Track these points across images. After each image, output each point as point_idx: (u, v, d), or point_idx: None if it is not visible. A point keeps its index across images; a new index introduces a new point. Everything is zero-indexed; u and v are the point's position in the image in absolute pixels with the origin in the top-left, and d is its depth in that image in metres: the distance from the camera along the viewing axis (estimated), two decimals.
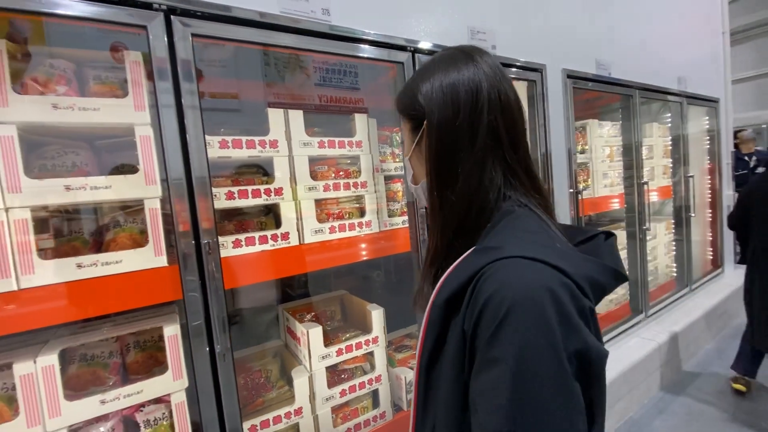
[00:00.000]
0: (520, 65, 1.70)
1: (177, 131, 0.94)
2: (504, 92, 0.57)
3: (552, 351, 0.43)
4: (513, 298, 0.44)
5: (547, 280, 0.46)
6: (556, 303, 0.44)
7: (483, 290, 0.47)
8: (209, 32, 0.96)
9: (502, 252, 0.49)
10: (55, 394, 0.92)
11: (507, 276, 0.47)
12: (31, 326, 0.90)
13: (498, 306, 0.45)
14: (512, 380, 0.43)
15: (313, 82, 1.83)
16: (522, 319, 0.44)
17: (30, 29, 1.02)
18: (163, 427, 1.07)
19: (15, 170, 0.86)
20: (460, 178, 0.57)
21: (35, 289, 0.88)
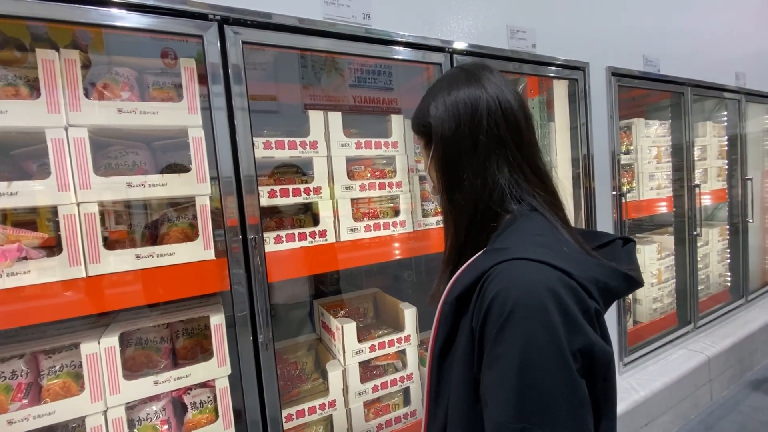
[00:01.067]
0: (559, 64, 1.66)
1: (228, 132, 1.00)
2: (506, 100, 0.62)
3: (555, 347, 0.45)
4: (516, 297, 0.47)
5: (550, 281, 0.48)
6: (558, 303, 0.47)
7: (489, 290, 0.50)
8: (258, 39, 1.02)
9: (507, 254, 0.52)
10: (115, 373, 1.01)
11: (511, 277, 0.50)
12: (96, 310, 0.99)
13: (502, 305, 0.48)
14: (517, 374, 0.46)
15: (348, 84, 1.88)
16: (525, 318, 0.46)
17: (91, 39, 1.12)
18: (208, 410, 1.15)
19: (86, 168, 0.96)
20: (465, 182, 0.61)
21: (100, 277, 0.97)
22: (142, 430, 1.07)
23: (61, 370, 1.02)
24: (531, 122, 0.64)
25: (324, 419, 1.36)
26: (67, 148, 0.94)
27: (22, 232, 0.94)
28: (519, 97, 0.64)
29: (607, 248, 0.66)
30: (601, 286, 0.52)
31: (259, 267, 1.00)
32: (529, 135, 0.63)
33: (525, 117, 0.63)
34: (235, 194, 1.02)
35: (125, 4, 0.90)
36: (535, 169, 0.63)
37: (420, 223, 1.44)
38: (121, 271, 0.99)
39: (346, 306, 1.67)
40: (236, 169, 1.01)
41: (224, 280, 1.07)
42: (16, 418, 0.93)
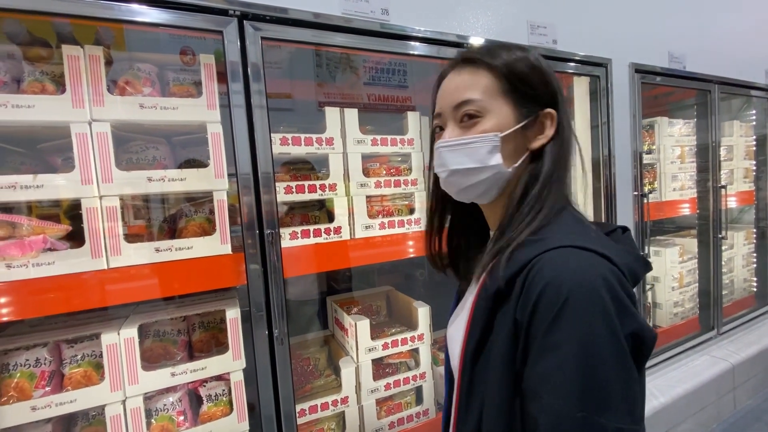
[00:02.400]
0: (579, 60, 1.62)
1: (246, 129, 1.01)
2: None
3: (612, 333, 0.46)
4: (570, 286, 0.46)
5: (599, 268, 0.48)
6: (609, 289, 0.47)
7: (537, 280, 0.48)
8: (277, 35, 1.02)
9: (550, 243, 0.51)
10: (134, 364, 1.03)
11: (562, 264, 0.49)
12: (117, 301, 1.01)
13: (555, 294, 0.47)
14: (578, 362, 0.45)
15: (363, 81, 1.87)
16: (581, 306, 0.46)
17: (113, 38, 1.14)
18: (223, 402, 1.16)
19: (108, 163, 0.98)
20: (570, 168, 0.61)
21: (121, 269, 0.99)
22: (159, 420, 1.09)
23: (82, 359, 1.05)
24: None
25: (336, 416, 1.36)
26: (91, 143, 0.96)
27: (48, 224, 0.96)
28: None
29: (613, 236, 0.64)
30: (631, 272, 0.53)
31: (276, 262, 1.01)
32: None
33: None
34: (252, 190, 1.02)
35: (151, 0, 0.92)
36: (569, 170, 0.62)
37: None
38: (140, 263, 1.01)
39: (359, 303, 1.67)
40: (254, 165, 1.02)
41: (240, 274, 1.08)
42: (39, 405, 0.96)
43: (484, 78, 0.58)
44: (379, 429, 1.39)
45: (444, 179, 0.63)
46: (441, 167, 0.62)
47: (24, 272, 0.91)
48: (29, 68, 0.99)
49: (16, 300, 0.91)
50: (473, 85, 0.58)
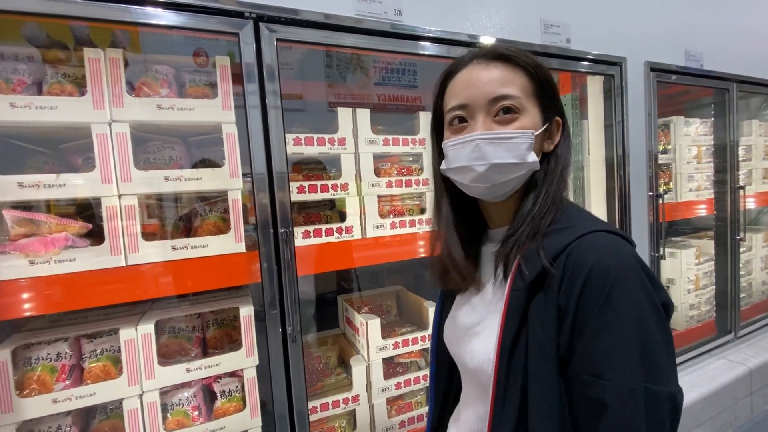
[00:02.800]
0: (594, 59, 1.60)
1: (261, 129, 1.02)
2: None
3: (654, 306, 0.50)
4: (616, 267, 0.50)
5: (629, 249, 0.53)
6: (642, 266, 0.52)
7: (581, 263, 0.51)
8: (292, 36, 1.03)
9: (580, 230, 0.54)
10: (150, 359, 1.06)
11: (602, 248, 0.52)
12: (134, 298, 1.04)
13: (604, 275, 0.50)
14: (634, 338, 0.48)
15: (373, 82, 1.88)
16: (628, 284, 0.50)
17: (129, 40, 1.17)
18: (236, 398, 1.18)
19: (127, 162, 1.00)
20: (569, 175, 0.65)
21: (138, 266, 1.01)
22: (175, 414, 1.11)
23: (101, 354, 1.07)
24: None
25: (347, 413, 1.37)
26: (111, 143, 0.98)
27: (69, 221, 0.99)
28: None
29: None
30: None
31: (289, 261, 1.02)
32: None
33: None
34: (267, 189, 1.04)
35: (165, 3, 0.94)
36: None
37: None
38: (157, 261, 1.03)
39: (369, 302, 1.68)
40: (269, 165, 1.03)
41: (254, 272, 1.09)
42: (60, 398, 0.99)
43: (520, 76, 0.58)
44: (389, 428, 1.39)
45: (481, 173, 0.59)
46: (480, 160, 0.58)
47: (47, 268, 0.94)
48: (51, 70, 1.02)
49: (38, 295, 0.94)
50: (511, 82, 0.57)
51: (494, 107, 0.57)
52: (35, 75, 1.01)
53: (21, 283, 0.92)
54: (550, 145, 0.63)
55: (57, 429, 1.04)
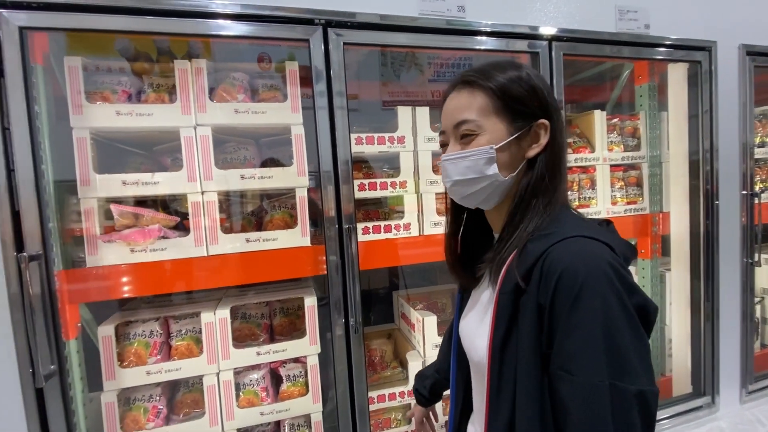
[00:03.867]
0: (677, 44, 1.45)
1: (328, 129, 1.08)
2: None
3: (624, 307, 0.52)
4: (584, 270, 0.53)
5: (605, 253, 0.55)
6: (615, 270, 0.54)
7: (555, 266, 0.54)
8: (358, 40, 1.07)
9: (558, 235, 0.58)
10: (226, 341, 1.16)
11: (573, 252, 0.55)
12: (214, 285, 1.14)
13: (573, 278, 0.53)
14: (602, 335, 0.51)
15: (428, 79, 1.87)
16: (596, 286, 0.52)
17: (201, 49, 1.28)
18: (300, 383, 1.25)
19: (209, 162, 1.10)
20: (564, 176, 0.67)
21: (218, 256, 1.11)
22: (246, 393, 1.21)
23: (185, 334, 1.20)
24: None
25: (403, 407, 1.39)
26: (195, 145, 1.09)
27: (161, 215, 1.12)
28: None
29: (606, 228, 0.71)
30: (625, 256, 0.60)
31: (353, 255, 1.07)
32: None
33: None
34: (333, 186, 1.09)
35: (244, 15, 1.01)
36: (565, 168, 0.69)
37: None
38: (234, 252, 1.12)
39: (424, 299, 1.68)
40: (334, 163, 1.08)
41: (318, 265, 1.16)
42: (153, 371, 1.12)
43: (479, 98, 0.65)
44: (443, 425, 1.39)
45: (449, 188, 0.71)
46: (446, 178, 0.69)
47: (143, 256, 1.07)
48: (147, 81, 1.15)
49: (136, 279, 1.07)
50: (470, 106, 0.65)
51: (458, 131, 0.66)
52: (135, 85, 1.15)
53: (122, 268, 1.05)
54: (533, 150, 0.65)
55: (149, 398, 1.18)
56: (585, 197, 1.53)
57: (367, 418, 1.21)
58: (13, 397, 0.87)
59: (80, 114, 1.02)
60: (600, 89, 1.94)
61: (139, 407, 1.16)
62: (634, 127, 1.66)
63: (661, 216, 1.68)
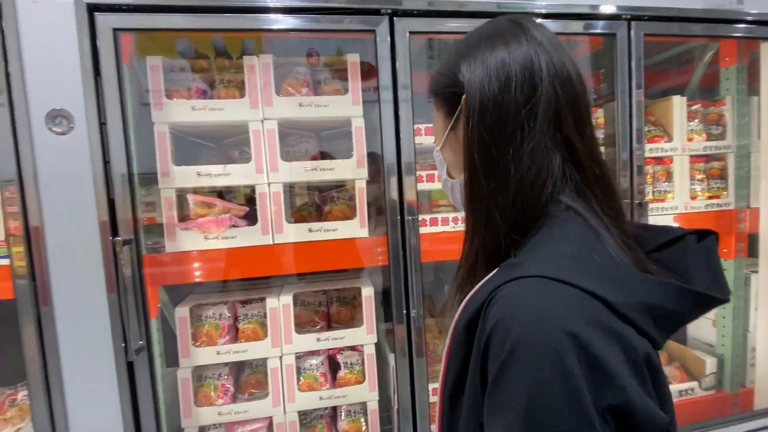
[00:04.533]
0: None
1: (393, 121, 1.07)
2: (564, 66, 0.48)
3: (570, 404, 0.34)
4: (518, 332, 0.36)
5: (570, 310, 0.37)
6: (579, 343, 0.35)
7: (489, 318, 0.40)
8: (424, 28, 1.06)
9: (521, 269, 0.42)
10: (289, 326, 1.21)
11: (515, 301, 0.39)
12: (277, 272, 1.19)
13: (501, 341, 0.37)
14: None
15: None
16: (529, 361, 0.35)
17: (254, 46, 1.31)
18: (357, 371, 1.28)
19: (275, 155, 1.14)
20: (511, 168, 0.47)
21: (283, 245, 1.16)
22: (306, 378, 1.26)
23: (251, 318, 1.26)
24: (588, 95, 0.51)
25: None
26: (263, 138, 1.13)
27: (232, 205, 1.18)
28: (576, 64, 0.51)
29: (675, 247, 0.50)
30: (656, 313, 0.39)
31: (415, 246, 1.07)
32: (589, 114, 0.50)
33: (585, 91, 0.50)
34: (396, 178, 1.09)
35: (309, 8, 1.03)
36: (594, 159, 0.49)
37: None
38: (297, 241, 1.16)
39: None
40: (398, 155, 1.09)
41: (376, 256, 1.17)
42: (222, 351, 1.19)
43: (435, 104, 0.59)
44: None
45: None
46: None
47: (215, 243, 1.13)
48: (219, 77, 1.21)
49: (208, 265, 1.14)
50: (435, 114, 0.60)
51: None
52: (209, 82, 1.21)
53: (197, 254, 1.13)
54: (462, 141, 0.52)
55: (218, 376, 1.26)
56: (660, 191, 1.42)
57: (427, 410, 1.22)
58: (108, 369, 0.96)
59: (160, 110, 1.09)
60: (676, 73, 1.78)
61: (210, 384, 1.24)
62: (718, 113, 1.51)
63: (748, 212, 1.52)
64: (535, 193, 0.47)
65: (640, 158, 1.14)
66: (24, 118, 0.89)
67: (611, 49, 1.17)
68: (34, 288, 0.92)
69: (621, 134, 1.14)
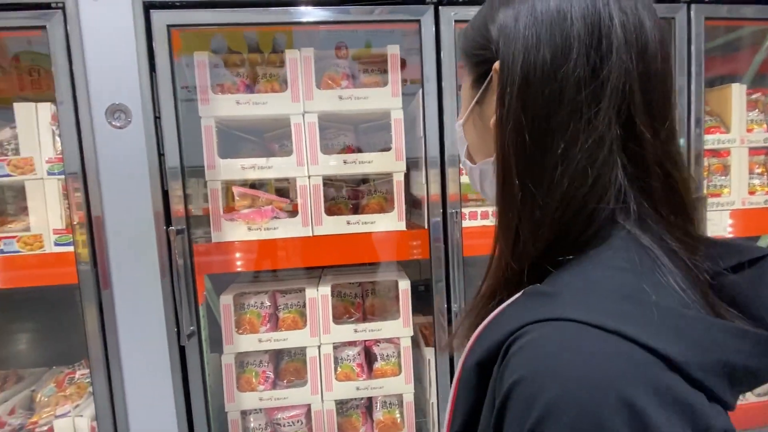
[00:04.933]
0: None
1: (437, 113, 1.07)
2: (644, 28, 0.34)
3: None
4: (554, 397, 0.27)
5: (627, 373, 0.27)
6: (634, 417, 0.25)
7: (510, 368, 0.30)
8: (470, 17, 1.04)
9: (554, 306, 0.32)
10: (327, 316, 1.23)
11: (550, 355, 0.29)
12: (317, 263, 1.21)
13: (528, 405, 0.28)
14: None
15: None
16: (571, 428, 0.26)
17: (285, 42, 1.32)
18: (392, 363, 1.29)
19: (315, 148, 1.16)
20: (560, 163, 0.35)
21: (321, 237, 1.18)
22: (343, 368, 1.28)
23: (291, 307, 1.30)
24: (672, 73, 0.38)
25: None
26: (304, 131, 1.15)
27: (274, 197, 1.21)
28: (660, 26, 0.37)
29: (752, 270, 0.37)
30: (739, 374, 0.30)
31: (458, 240, 1.06)
32: (670, 103, 0.37)
33: (669, 68, 0.37)
34: (438, 171, 1.08)
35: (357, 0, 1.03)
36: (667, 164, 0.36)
37: None
38: (335, 233, 1.18)
39: None
40: (441, 147, 1.08)
41: (412, 249, 1.17)
42: (263, 339, 1.23)
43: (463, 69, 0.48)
44: None
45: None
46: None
47: (257, 234, 1.17)
48: (261, 71, 1.23)
49: (252, 255, 1.17)
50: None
51: None
52: (250, 77, 1.24)
53: (241, 244, 1.16)
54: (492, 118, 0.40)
55: (259, 363, 1.30)
56: (715, 185, 1.33)
57: None
58: (162, 353, 1.01)
59: (207, 104, 1.13)
60: (732, 59, 1.66)
61: (251, 370, 1.28)
62: None
63: None
64: (589, 208, 0.35)
65: (699, 148, 1.07)
66: (87, 114, 0.94)
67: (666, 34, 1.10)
68: (95, 273, 0.98)
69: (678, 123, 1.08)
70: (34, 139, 1.09)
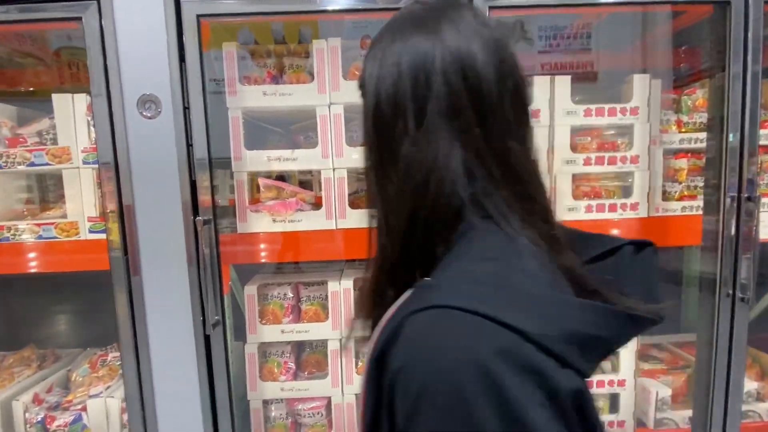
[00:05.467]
0: None
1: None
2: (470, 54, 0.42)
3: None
4: (424, 377, 0.32)
5: (479, 343, 0.31)
6: (492, 385, 0.30)
7: (392, 359, 0.35)
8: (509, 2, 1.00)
9: (431, 296, 0.36)
10: (349, 309, 1.22)
11: (421, 341, 0.34)
12: (339, 257, 1.21)
13: (406, 387, 0.33)
14: None
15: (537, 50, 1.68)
16: (439, 406, 0.31)
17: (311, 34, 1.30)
18: None
19: (340, 140, 1.14)
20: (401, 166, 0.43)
21: (345, 230, 1.16)
22: (363, 362, 1.28)
23: (313, 299, 1.30)
24: (509, 87, 0.43)
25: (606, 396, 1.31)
26: (329, 123, 1.14)
27: (300, 189, 1.20)
28: (497, 52, 0.43)
29: (611, 259, 0.47)
30: (586, 342, 0.34)
31: None
32: (501, 105, 0.43)
33: (499, 79, 0.43)
34: None
35: None
36: (503, 153, 0.42)
37: (658, 207, 1.19)
38: (359, 227, 1.16)
39: None
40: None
41: None
42: (286, 330, 1.24)
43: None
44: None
45: None
46: None
47: (282, 226, 1.17)
48: (288, 62, 1.22)
49: (276, 246, 1.17)
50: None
51: None
52: (277, 68, 1.24)
53: (266, 235, 1.17)
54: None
55: (281, 353, 1.31)
56: (766, 184, 1.23)
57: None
58: (188, 341, 1.03)
59: (234, 95, 1.13)
60: None
61: (273, 361, 1.29)
62: None
63: None
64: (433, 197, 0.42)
65: (753, 144, 0.98)
66: (119, 104, 0.96)
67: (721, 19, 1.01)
68: (126, 260, 1.00)
69: (731, 116, 0.99)
70: (71, 129, 1.12)
